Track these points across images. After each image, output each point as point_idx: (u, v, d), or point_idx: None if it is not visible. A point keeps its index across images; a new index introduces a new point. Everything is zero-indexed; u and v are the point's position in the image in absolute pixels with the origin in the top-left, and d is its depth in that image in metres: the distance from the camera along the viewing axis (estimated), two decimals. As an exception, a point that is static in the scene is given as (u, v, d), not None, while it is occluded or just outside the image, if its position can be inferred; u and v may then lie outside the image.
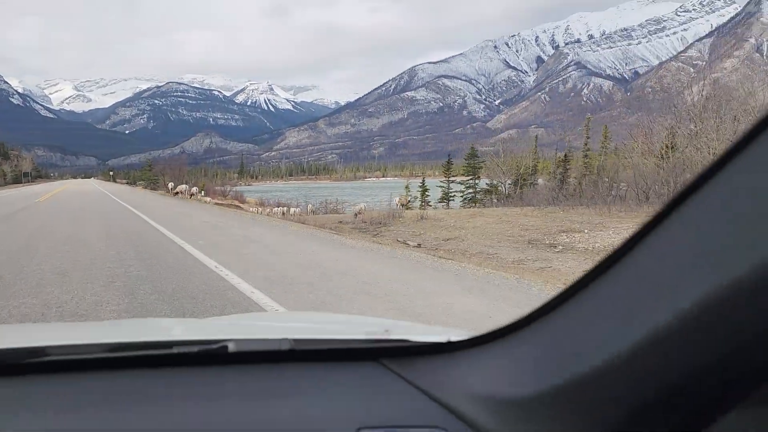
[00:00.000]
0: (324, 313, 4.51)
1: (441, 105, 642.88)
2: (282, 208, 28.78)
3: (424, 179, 49.13)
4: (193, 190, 35.90)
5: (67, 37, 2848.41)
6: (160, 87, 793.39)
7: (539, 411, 0.85)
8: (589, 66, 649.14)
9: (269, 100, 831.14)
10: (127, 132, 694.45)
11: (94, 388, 1.13)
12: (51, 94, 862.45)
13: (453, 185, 47.50)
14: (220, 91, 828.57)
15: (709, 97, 26.34)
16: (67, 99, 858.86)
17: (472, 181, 46.30)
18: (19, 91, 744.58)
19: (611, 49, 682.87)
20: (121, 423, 1.01)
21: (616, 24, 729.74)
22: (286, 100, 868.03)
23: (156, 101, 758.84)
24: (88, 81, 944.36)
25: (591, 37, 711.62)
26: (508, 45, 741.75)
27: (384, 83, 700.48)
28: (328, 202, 33.50)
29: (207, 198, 33.98)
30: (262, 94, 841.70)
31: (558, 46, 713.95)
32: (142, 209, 20.95)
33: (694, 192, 0.66)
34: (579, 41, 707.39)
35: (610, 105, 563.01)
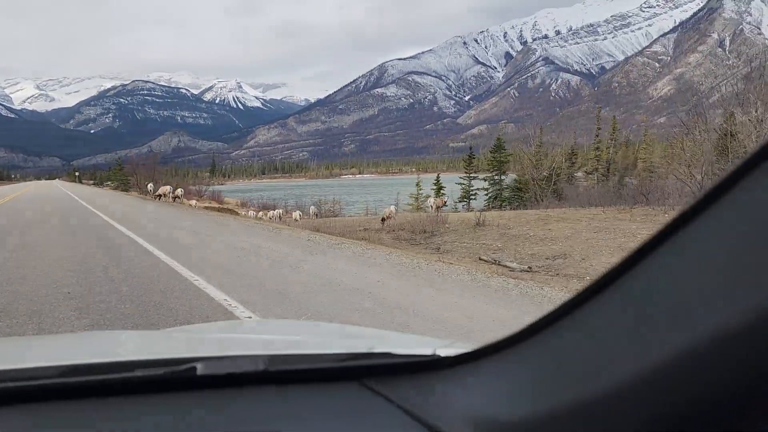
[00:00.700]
0: (302, 322, 4.27)
1: (411, 101, 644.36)
2: (278, 211, 27.78)
3: (438, 176, 44.64)
4: (178, 192, 32.57)
5: (28, 35, 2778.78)
6: (125, 85, 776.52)
7: None
8: (557, 61, 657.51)
9: (238, 98, 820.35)
10: (92, 132, 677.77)
11: (43, 422, 0.98)
12: (12, 93, 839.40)
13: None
14: (187, 90, 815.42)
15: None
16: (29, 98, 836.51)
17: (498, 177, 41.90)
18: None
19: (578, 45, 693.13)
20: None
21: (582, 20, 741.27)
22: (256, 97, 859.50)
23: (122, 100, 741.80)
24: (50, 80, 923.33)
25: (558, 32, 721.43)
26: (477, 41, 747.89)
27: (354, 80, 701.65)
28: (323, 203, 32.45)
29: (192, 201, 31.65)
30: (231, 92, 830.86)
31: (526, 42, 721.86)
32: (127, 224, 14.49)
33: (725, 192, 0.58)
34: (546, 37, 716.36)
35: (578, 100, 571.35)
